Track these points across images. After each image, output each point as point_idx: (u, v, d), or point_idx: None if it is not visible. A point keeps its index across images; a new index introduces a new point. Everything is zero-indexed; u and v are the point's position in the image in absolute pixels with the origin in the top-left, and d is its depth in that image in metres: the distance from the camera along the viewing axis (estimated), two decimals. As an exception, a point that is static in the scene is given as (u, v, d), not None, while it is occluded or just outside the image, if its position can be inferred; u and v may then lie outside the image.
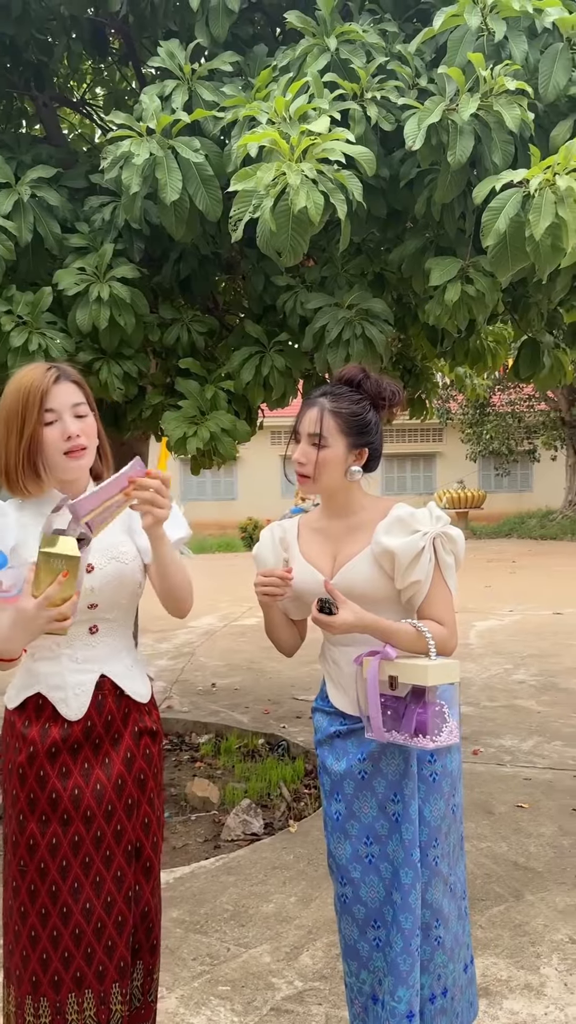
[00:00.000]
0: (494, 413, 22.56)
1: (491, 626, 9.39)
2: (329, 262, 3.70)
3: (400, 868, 1.97)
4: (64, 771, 1.85)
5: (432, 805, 2.02)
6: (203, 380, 3.81)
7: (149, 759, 1.96)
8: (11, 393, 1.83)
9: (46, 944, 1.83)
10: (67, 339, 3.49)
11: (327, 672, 2.14)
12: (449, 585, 2.02)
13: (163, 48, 3.32)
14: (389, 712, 1.94)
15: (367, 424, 2.03)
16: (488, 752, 4.96)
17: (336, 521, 2.08)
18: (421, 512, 1.99)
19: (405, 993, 1.93)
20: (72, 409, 1.83)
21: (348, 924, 2.06)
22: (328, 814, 2.10)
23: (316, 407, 2.01)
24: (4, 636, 1.71)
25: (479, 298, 3.03)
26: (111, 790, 1.88)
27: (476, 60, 2.78)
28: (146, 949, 1.96)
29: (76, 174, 3.84)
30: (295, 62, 3.15)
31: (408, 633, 1.95)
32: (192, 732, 5.57)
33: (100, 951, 1.85)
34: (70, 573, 1.65)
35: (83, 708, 1.87)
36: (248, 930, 3.03)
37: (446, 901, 2.03)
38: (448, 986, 2.04)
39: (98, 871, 1.86)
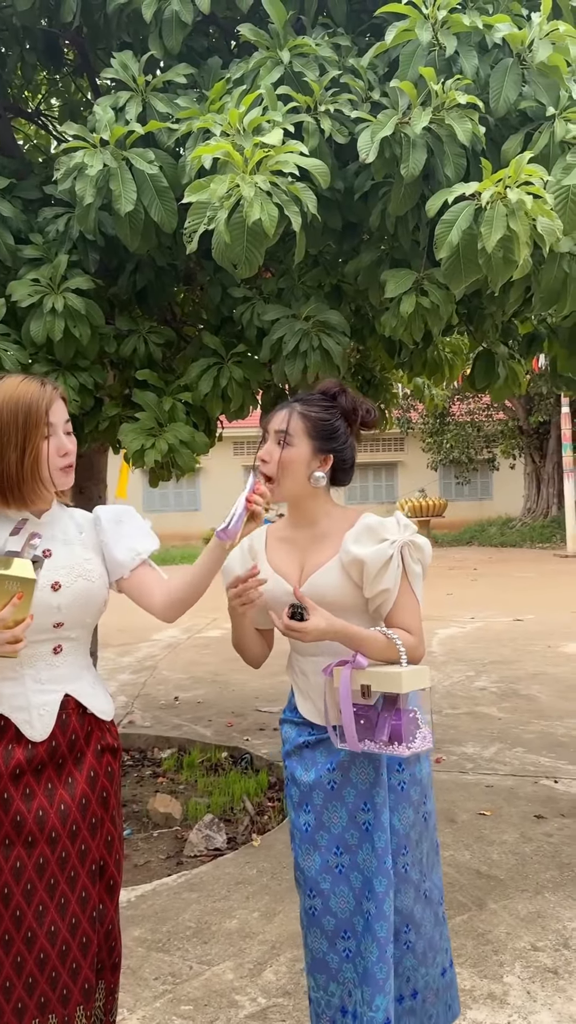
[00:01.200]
0: (454, 423, 22.82)
1: (453, 633, 9.46)
2: (286, 274, 3.71)
3: (373, 877, 1.97)
4: (28, 792, 1.82)
5: (401, 814, 2.03)
6: (161, 392, 3.79)
7: (111, 776, 1.94)
8: (8, 402, 1.80)
9: (9, 971, 1.79)
10: (21, 351, 3.44)
11: (295, 683, 2.14)
12: (416, 593, 2.03)
13: (117, 59, 3.31)
14: (362, 721, 1.94)
15: (334, 431, 2.04)
16: (450, 760, 4.98)
17: (302, 530, 2.08)
18: (389, 521, 2.01)
19: (383, 1001, 1.93)
20: (64, 425, 1.86)
21: (316, 937, 2.04)
22: (296, 826, 2.08)
23: (287, 408, 2.04)
24: None
25: (434, 310, 3.05)
26: (75, 810, 1.85)
27: (428, 74, 2.81)
28: (108, 968, 1.93)
29: (30, 185, 3.80)
30: (249, 75, 3.16)
31: (378, 641, 1.95)
32: (154, 747, 5.51)
33: (65, 974, 1.82)
34: (25, 595, 1.64)
35: (48, 729, 1.84)
36: (211, 947, 3.00)
37: (418, 907, 2.04)
38: (419, 988, 2.05)
39: (63, 892, 1.83)
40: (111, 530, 1.97)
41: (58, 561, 1.84)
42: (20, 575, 1.63)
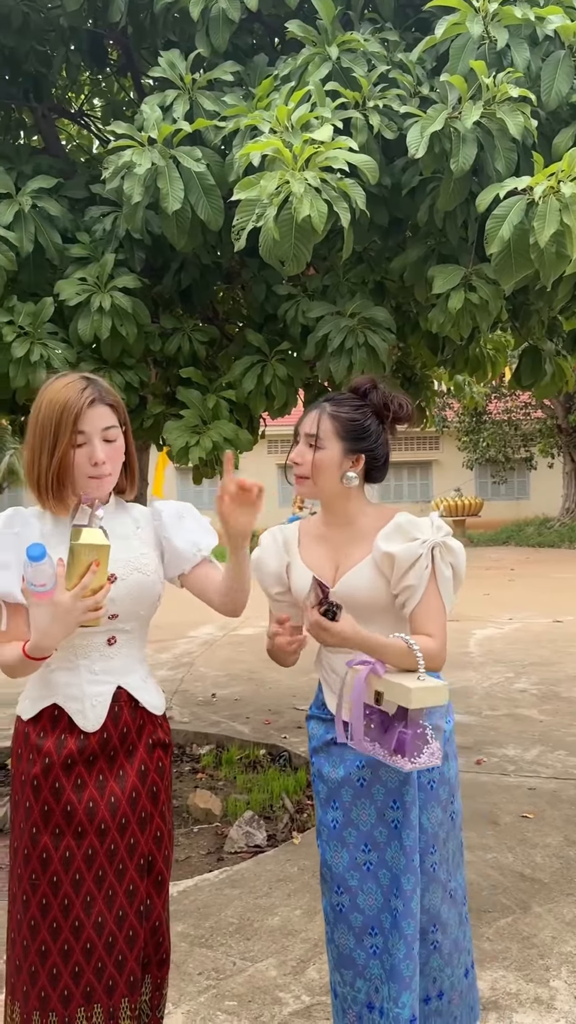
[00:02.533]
0: (490, 421, 22.60)
1: (490, 634, 9.37)
2: (331, 271, 3.71)
3: (401, 875, 1.97)
4: (79, 783, 1.84)
5: (430, 812, 2.02)
6: (204, 389, 3.80)
7: (161, 772, 1.95)
8: (46, 406, 1.81)
9: (56, 958, 1.81)
10: (68, 349, 3.48)
11: (323, 678, 2.13)
12: (443, 597, 1.98)
13: (164, 58, 3.32)
14: (373, 725, 1.90)
15: (365, 431, 2.02)
16: (491, 762, 4.93)
17: (337, 529, 2.07)
18: (423, 521, 1.99)
19: (408, 998, 1.93)
20: (102, 433, 1.82)
21: (343, 933, 2.04)
22: (324, 822, 2.08)
23: (317, 410, 2.03)
24: (43, 631, 1.70)
25: (482, 306, 3.03)
26: (125, 803, 1.86)
27: (478, 68, 2.78)
28: (155, 963, 1.94)
29: (76, 184, 3.84)
30: (296, 71, 3.16)
31: (398, 649, 1.90)
32: (193, 743, 5.54)
33: (111, 965, 1.83)
34: (101, 561, 1.68)
35: (100, 719, 1.86)
36: (254, 944, 3.00)
37: (444, 907, 2.03)
38: (444, 989, 2.05)
39: (111, 885, 1.84)
40: (172, 525, 1.98)
41: (114, 554, 1.85)
42: (94, 542, 1.67)
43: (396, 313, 4.26)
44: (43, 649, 1.73)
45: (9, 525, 1.87)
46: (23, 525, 1.87)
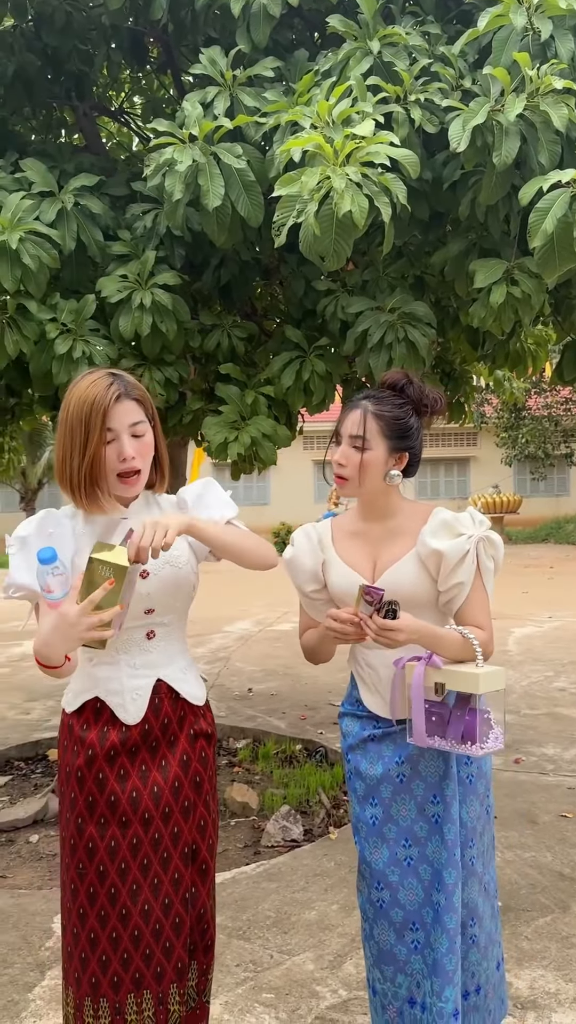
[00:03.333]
0: (530, 417, 22.32)
1: (529, 633, 9.28)
2: (370, 266, 3.69)
3: (443, 869, 1.97)
4: (122, 773, 1.86)
5: (469, 806, 2.03)
6: (243, 385, 3.82)
7: (204, 762, 1.97)
8: (75, 404, 1.81)
9: (105, 945, 1.84)
10: (110, 346, 3.51)
11: (359, 676, 2.12)
12: (488, 589, 2.02)
13: (205, 55, 3.33)
14: (433, 718, 1.93)
15: (409, 428, 2.02)
16: (530, 761, 4.89)
17: (374, 524, 2.07)
18: (463, 516, 2.00)
19: (452, 992, 1.94)
20: (130, 429, 1.82)
21: (384, 929, 2.04)
22: (362, 819, 2.08)
23: (359, 409, 2.00)
24: (44, 640, 1.72)
25: (525, 300, 3.00)
26: (168, 792, 1.88)
27: (522, 60, 2.75)
28: (200, 949, 1.96)
29: (117, 182, 3.87)
30: (337, 66, 3.15)
31: (456, 640, 1.95)
32: (229, 737, 5.57)
33: (159, 952, 1.86)
34: (116, 582, 1.64)
35: (141, 712, 1.88)
36: (291, 937, 3.02)
37: (481, 900, 2.04)
38: (481, 983, 2.05)
39: (156, 873, 1.86)
40: (193, 508, 1.98)
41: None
42: (113, 561, 1.64)
43: (436, 308, 4.23)
44: (45, 657, 1.73)
45: (42, 527, 1.88)
46: (56, 526, 1.88)
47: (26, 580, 1.83)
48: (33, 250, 3.22)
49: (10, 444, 6.75)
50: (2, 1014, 2.58)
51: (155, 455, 1.91)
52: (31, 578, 1.82)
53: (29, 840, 3.99)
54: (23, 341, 3.38)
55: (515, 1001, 2.60)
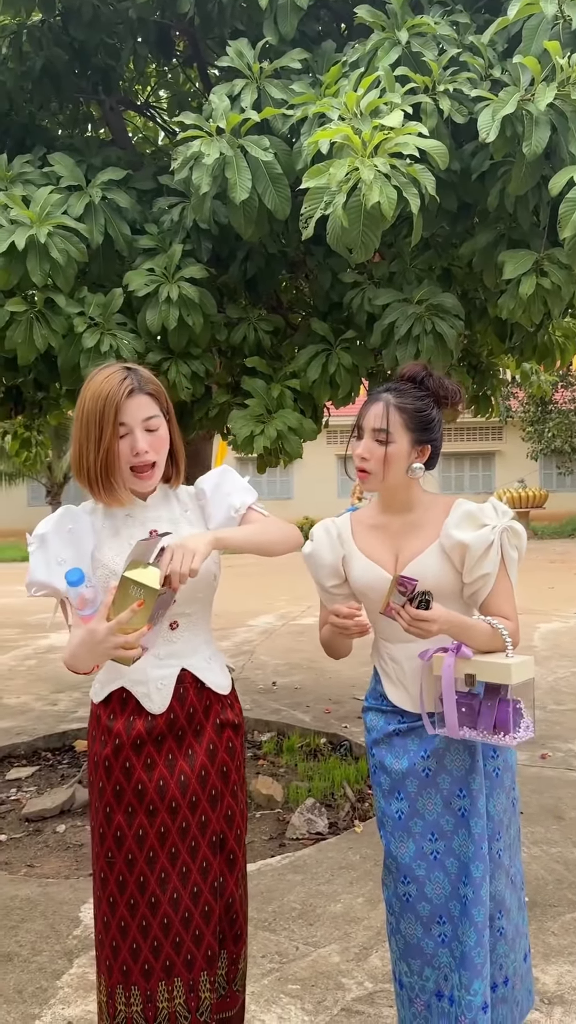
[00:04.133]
0: (556, 410, 22.13)
1: (556, 628, 9.22)
2: (397, 257, 3.67)
3: (470, 863, 1.97)
4: (149, 763, 1.87)
5: (495, 800, 2.03)
6: (269, 379, 3.81)
7: (232, 752, 1.97)
8: (90, 398, 1.82)
9: (135, 934, 1.85)
10: (137, 340, 3.52)
11: (383, 670, 2.12)
12: (512, 579, 2.02)
13: (232, 47, 3.33)
14: (463, 709, 1.93)
15: (431, 420, 2.02)
16: (556, 756, 4.86)
17: (395, 517, 2.07)
18: (486, 506, 2.00)
19: (480, 986, 1.94)
20: (143, 423, 1.83)
21: (411, 923, 2.04)
22: (388, 813, 2.08)
23: (381, 403, 1.99)
24: (72, 653, 1.75)
25: (555, 291, 2.97)
26: (195, 781, 1.89)
27: (552, 48, 2.72)
28: (230, 939, 1.97)
29: (144, 176, 3.88)
30: (365, 57, 3.13)
31: (485, 631, 1.94)
32: (254, 730, 5.59)
33: (188, 940, 1.87)
34: (145, 603, 1.64)
35: (166, 702, 1.89)
36: (316, 929, 3.02)
37: (508, 892, 2.04)
38: (509, 975, 2.05)
39: (184, 862, 1.88)
40: (213, 498, 1.98)
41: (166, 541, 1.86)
42: (145, 583, 1.64)
43: (463, 300, 4.20)
44: (72, 667, 1.77)
45: (61, 524, 1.90)
46: (74, 522, 1.89)
47: (46, 578, 1.85)
48: (61, 244, 3.24)
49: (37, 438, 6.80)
50: (31, 1001, 2.62)
51: (171, 449, 1.91)
52: (50, 576, 1.84)
53: (56, 830, 4.03)
54: (51, 335, 3.41)
55: (542, 996, 2.59)
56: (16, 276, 3.24)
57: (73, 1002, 2.60)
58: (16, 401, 4.94)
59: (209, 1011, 1.91)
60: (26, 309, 3.39)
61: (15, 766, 4.97)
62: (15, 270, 3.22)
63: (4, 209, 3.27)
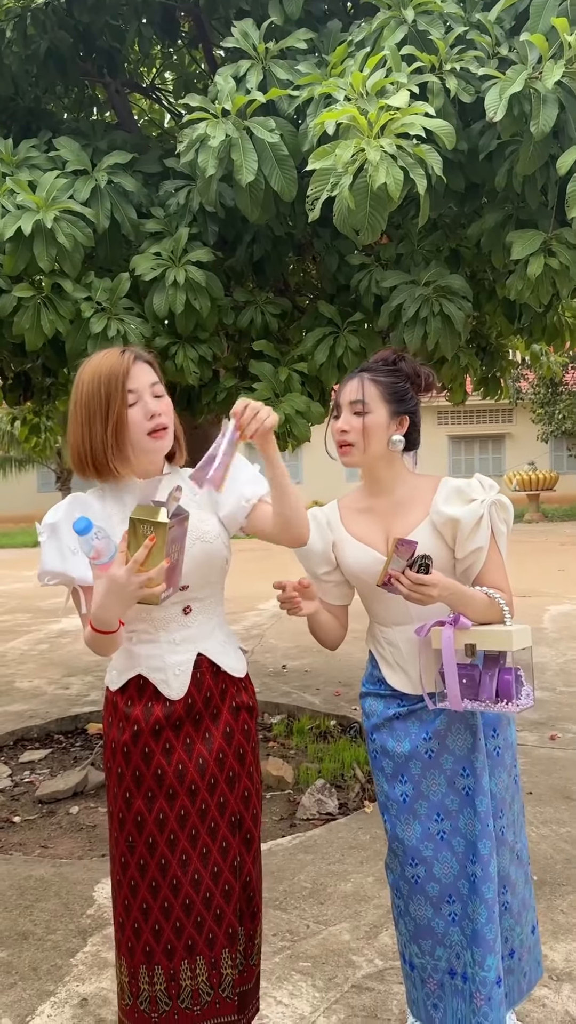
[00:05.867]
0: (567, 392, 21.99)
1: (566, 610, 9.21)
2: (405, 239, 3.65)
3: (477, 840, 1.99)
4: (168, 747, 1.89)
5: (497, 778, 2.05)
6: (276, 362, 3.81)
7: (247, 734, 1.99)
8: (89, 379, 1.82)
9: (158, 915, 1.88)
10: (144, 324, 3.52)
11: (379, 655, 2.14)
12: (502, 552, 2.04)
13: (237, 28, 3.31)
14: (464, 680, 1.94)
15: (406, 392, 2.05)
16: (567, 737, 4.88)
17: (382, 498, 2.08)
18: (473, 482, 2.03)
19: (493, 961, 1.96)
20: (151, 389, 1.84)
21: (420, 904, 2.06)
22: (392, 797, 2.10)
23: (356, 378, 2.05)
24: (99, 603, 1.71)
25: (563, 271, 2.95)
26: (213, 763, 1.91)
27: (560, 25, 2.69)
28: (247, 916, 2.00)
29: (150, 159, 3.87)
30: (371, 36, 3.10)
31: (483, 601, 1.96)
32: (264, 712, 5.62)
33: (210, 919, 1.90)
34: (157, 539, 1.66)
35: (184, 687, 1.90)
36: (327, 908, 3.06)
37: (512, 868, 2.08)
38: (515, 947, 2.09)
39: (204, 843, 1.90)
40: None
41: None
42: (152, 519, 1.66)
43: (471, 281, 4.18)
44: (102, 621, 1.73)
45: (71, 512, 1.89)
46: (84, 509, 1.88)
47: (58, 567, 1.85)
48: (68, 229, 3.24)
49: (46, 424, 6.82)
50: (46, 978, 2.66)
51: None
52: (63, 564, 1.84)
53: (69, 811, 4.08)
54: (59, 320, 3.41)
55: (551, 973, 2.61)
56: (23, 261, 3.24)
57: (87, 979, 2.65)
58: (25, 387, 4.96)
59: (231, 987, 1.94)
60: (33, 294, 3.40)
61: (28, 749, 5.02)
62: (22, 255, 3.22)
63: (10, 194, 3.26)
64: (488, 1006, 1.96)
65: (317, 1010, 2.47)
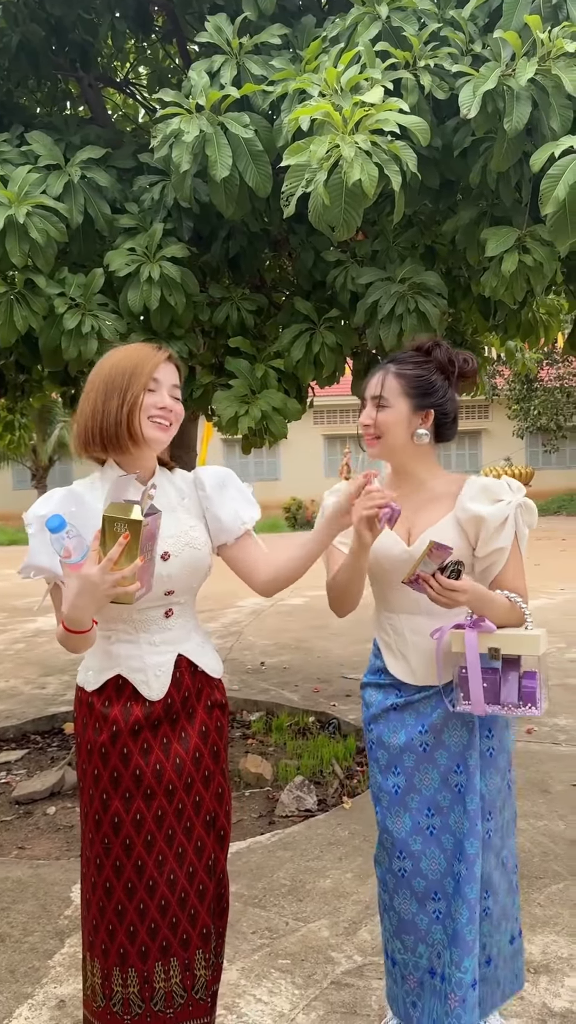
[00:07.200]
0: (542, 388, 22.16)
1: (541, 604, 9.28)
2: (380, 236, 3.65)
3: (464, 839, 1.98)
4: (146, 747, 1.88)
5: (489, 779, 2.04)
6: (253, 359, 3.80)
7: (221, 731, 1.99)
8: (117, 362, 1.85)
9: (133, 917, 1.87)
10: (119, 320, 3.50)
11: (384, 642, 2.12)
12: (523, 555, 2.03)
13: (210, 22, 3.28)
14: (486, 684, 1.93)
15: (431, 385, 2.03)
16: (543, 731, 4.92)
17: (410, 491, 2.08)
18: (500, 482, 2.02)
19: (471, 963, 1.95)
20: (171, 389, 1.87)
21: (405, 899, 2.05)
22: (384, 788, 2.09)
23: (380, 371, 2.04)
24: (71, 603, 1.69)
25: (537, 268, 2.96)
26: (189, 763, 1.91)
27: (533, 23, 2.70)
28: (217, 913, 1.99)
29: (124, 154, 3.83)
30: (345, 32, 3.09)
31: (504, 605, 1.95)
32: (243, 710, 5.62)
33: (184, 920, 1.89)
34: (131, 536, 1.64)
35: (164, 688, 1.89)
36: (306, 905, 3.06)
37: (496, 874, 2.05)
38: (492, 956, 2.06)
39: (180, 843, 1.89)
40: (216, 495, 1.98)
41: (165, 531, 1.86)
42: (126, 516, 1.65)
43: (447, 278, 4.19)
44: (74, 621, 1.71)
45: (64, 505, 1.87)
46: (77, 504, 1.87)
47: (45, 562, 1.83)
48: (40, 224, 3.20)
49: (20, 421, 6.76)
50: (23, 980, 2.64)
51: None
52: (51, 560, 1.81)
53: (47, 812, 4.05)
54: (32, 316, 3.38)
55: (529, 965, 2.63)
56: (-5, 257, 3.20)
57: (65, 981, 2.63)
58: (-2, 384, 4.90)
59: (204, 988, 1.93)
60: (6, 290, 3.36)
61: (4, 749, 4.98)
62: (-6, 251, 3.18)
63: (-18, 189, 3.22)
64: (462, 1008, 1.95)
65: (296, 1007, 2.47)
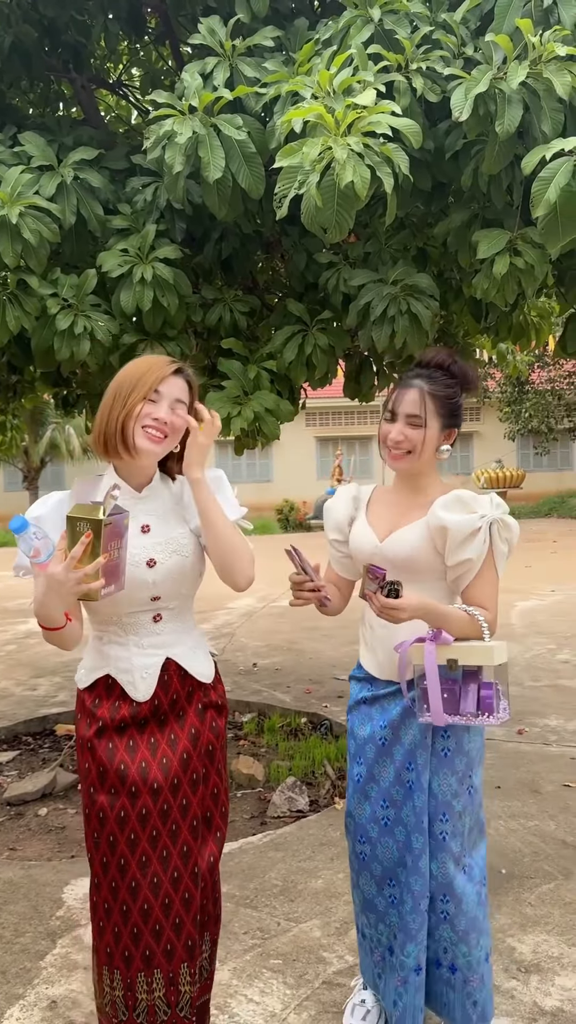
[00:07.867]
0: (533, 391, 22.22)
1: (532, 606, 9.31)
2: (372, 238, 3.66)
3: (412, 833, 2.09)
4: (131, 745, 1.90)
5: (441, 779, 2.10)
6: (245, 360, 3.80)
7: (216, 731, 2.01)
8: (129, 370, 1.89)
9: (116, 918, 1.87)
10: (111, 321, 3.50)
11: (362, 636, 2.25)
12: (498, 571, 2.08)
13: (204, 24, 3.29)
14: (446, 695, 1.99)
15: (459, 407, 2.14)
16: (533, 732, 4.93)
17: (407, 495, 2.17)
18: (483, 497, 2.07)
19: (413, 949, 2.08)
20: (174, 403, 1.88)
21: (367, 880, 2.18)
22: (351, 775, 2.22)
23: (415, 389, 2.09)
24: (39, 600, 1.76)
25: (528, 271, 2.98)
26: (177, 764, 1.92)
27: (524, 26, 2.71)
28: (213, 919, 2.01)
29: (117, 155, 3.83)
30: (338, 35, 3.10)
31: (461, 618, 2.01)
32: (235, 711, 5.61)
33: (168, 928, 1.88)
34: (93, 536, 1.68)
35: (150, 690, 1.91)
36: (297, 905, 3.06)
37: (459, 879, 2.11)
38: (459, 966, 2.11)
39: (165, 845, 1.89)
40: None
41: (155, 537, 1.89)
42: (83, 515, 1.68)
43: (438, 280, 4.21)
44: (44, 617, 1.78)
45: (59, 509, 1.91)
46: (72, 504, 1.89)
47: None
48: (33, 225, 3.20)
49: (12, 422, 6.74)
50: (15, 981, 2.63)
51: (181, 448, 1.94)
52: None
53: (38, 813, 4.04)
54: (24, 317, 3.37)
55: (519, 965, 2.64)
56: (-12, 257, 3.20)
57: (57, 982, 2.62)
58: (-10, 385, 4.89)
59: (188, 1005, 1.91)
60: (-2, 291, 3.35)
61: (-4, 751, 4.97)
62: (-13, 251, 3.18)
63: (-26, 189, 3.21)
64: (404, 988, 2.08)
65: (288, 1007, 2.47)
